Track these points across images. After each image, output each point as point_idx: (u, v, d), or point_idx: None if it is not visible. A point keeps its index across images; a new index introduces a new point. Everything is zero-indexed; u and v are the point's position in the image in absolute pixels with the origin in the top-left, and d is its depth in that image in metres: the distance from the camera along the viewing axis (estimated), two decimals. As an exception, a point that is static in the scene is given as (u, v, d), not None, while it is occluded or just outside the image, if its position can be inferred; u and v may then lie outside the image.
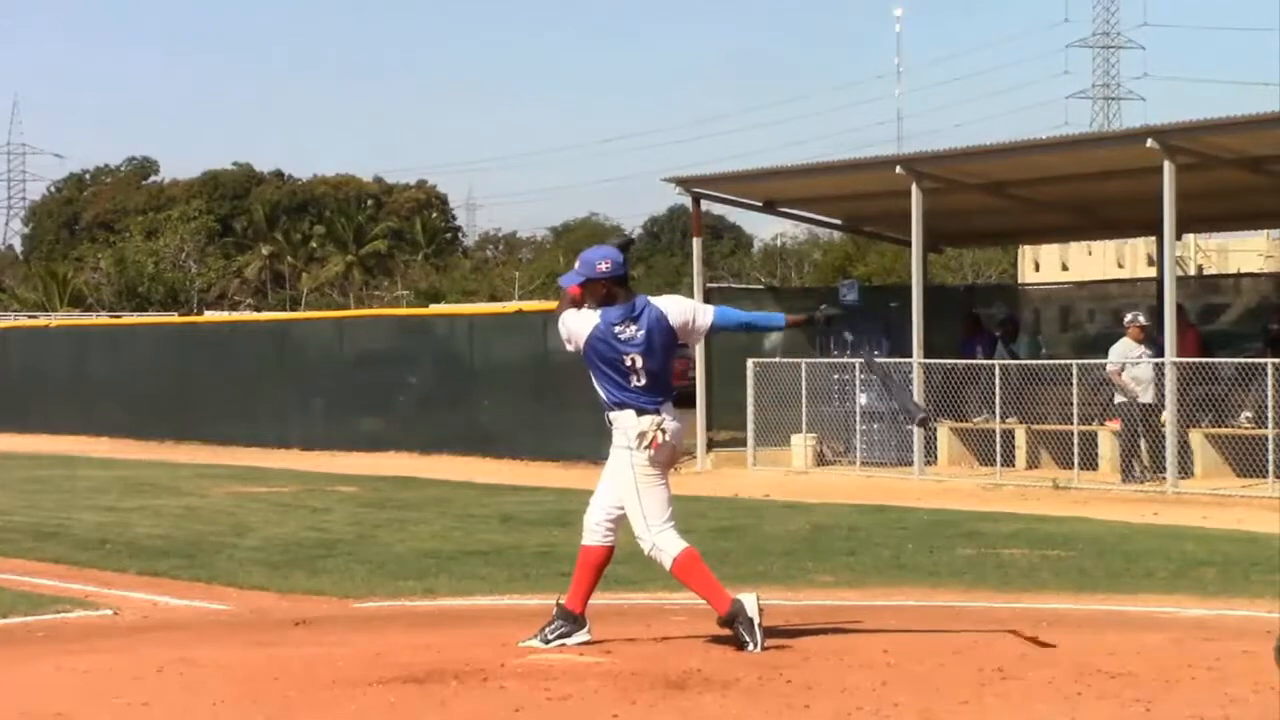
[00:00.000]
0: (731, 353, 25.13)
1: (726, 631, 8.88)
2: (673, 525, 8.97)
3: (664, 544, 8.90)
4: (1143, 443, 20.80)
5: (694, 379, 25.27)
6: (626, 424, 8.90)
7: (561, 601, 9.09)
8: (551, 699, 7.69)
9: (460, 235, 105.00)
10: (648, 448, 8.86)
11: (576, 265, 9.15)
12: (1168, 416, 20.47)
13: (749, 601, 8.80)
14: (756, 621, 8.75)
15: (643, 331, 8.93)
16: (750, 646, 8.70)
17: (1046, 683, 7.97)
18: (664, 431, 8.87)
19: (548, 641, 8.94)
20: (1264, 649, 7.92)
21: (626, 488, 8.93)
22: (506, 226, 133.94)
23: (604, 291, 9.01)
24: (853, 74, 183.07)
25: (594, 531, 9.09)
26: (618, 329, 8.93)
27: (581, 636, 8.98)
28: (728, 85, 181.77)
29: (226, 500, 19.91)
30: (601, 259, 9.05)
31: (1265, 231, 55.61)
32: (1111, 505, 18.74)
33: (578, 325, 9.05)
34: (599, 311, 9.00)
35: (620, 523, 9.05)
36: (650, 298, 9.11)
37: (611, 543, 9.07)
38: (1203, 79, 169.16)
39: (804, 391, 23.89)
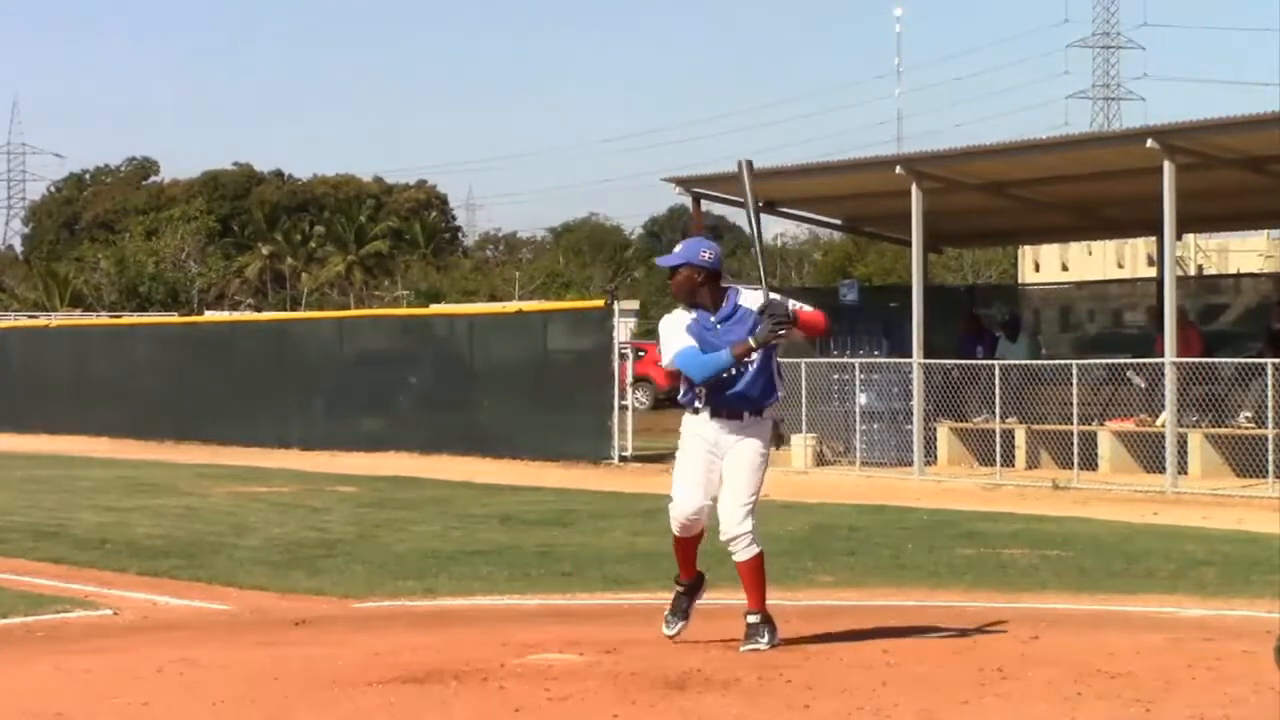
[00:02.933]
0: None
1: (730, 630, 8.90)
2: None
3: (756, 534, 8.87)
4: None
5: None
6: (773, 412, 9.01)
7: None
8: (551, 699, 7.69)
9: (460, 235, 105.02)
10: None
11: (679, 249, 9.07)
12: (1167, 416, 20.48)
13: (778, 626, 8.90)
14: (779, 633, 8.84)
15: None
16: (756, 642, 8.74)
17: (1046, 683, 7.98)
18: None
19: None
20: (1264, 649, 7.92)
21: (757, 470, 8.86)
22: (506, 226, 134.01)
23: (698, 280, 8.93)
24: (853, 74, 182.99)
25: (692, 526, 8.97)
26: None
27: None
28: (728, 85, 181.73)
29: (226, 500, 19.91)
30: (704, 249, 9.02)
31: (1265, 231, 55.63)
32: (1111, 505, 18.75)
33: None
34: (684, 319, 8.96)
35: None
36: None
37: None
38: (1203, 79, 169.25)
39: (804, 391, 23.89)
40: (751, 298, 8.89)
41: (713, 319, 8.86)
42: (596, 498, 19.98)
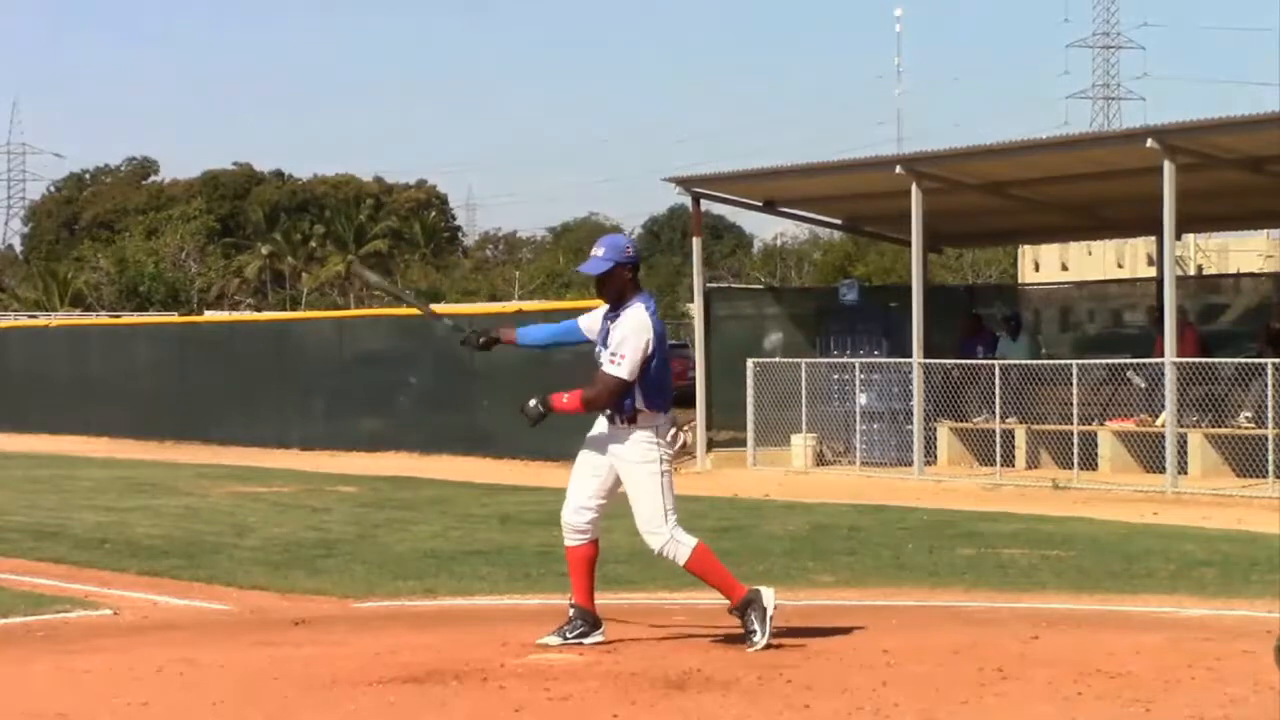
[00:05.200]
0: (731, 353, 25.14)
1: (730, 629, 8.91)
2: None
3: (681, 538, 8.86)
4: None
5: (694, 379, 25.27)
6: (660, 421, 8.84)
7: (574, 602, 9.04)
8: (551, 699, 7.70)
9: (460, 235, 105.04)
10: (671, 443, 8.88)
11: (601, 252, 8.89)
12: (1167, 416, 20.47)
13: (766, 594, 8.80)
14: (769, 614, 8.75)
15: None
16: (756, 637, 8.70)
17: (1046, 683, 7.98)
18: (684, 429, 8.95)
19: (566, 639, 8.91)
20: (1264, 649, 7.92)
21: (650, 484, 8.81)
22: (506, 226, 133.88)
23: (629, 277, 8.87)
24: (853, 74, 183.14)
25: (583, 532, 9.01)
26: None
27: (596, 638, 8.96)
28: (728, 85, 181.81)
29: (226, 500, 19.90)
30: (629, 243, 8.94)
31: (1265, 231, 55.69)
32: (1111, 505, 18.73)
33: (643, 339, 8.74)
34: (651, 315, 8.79)
35: (600, 517, 9.01)
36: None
37: (597, 536, 9.03)
38: (1203, 79, 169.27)
39: (804, 391, 23.88)
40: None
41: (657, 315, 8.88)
42: (596, 498, 19.93)
